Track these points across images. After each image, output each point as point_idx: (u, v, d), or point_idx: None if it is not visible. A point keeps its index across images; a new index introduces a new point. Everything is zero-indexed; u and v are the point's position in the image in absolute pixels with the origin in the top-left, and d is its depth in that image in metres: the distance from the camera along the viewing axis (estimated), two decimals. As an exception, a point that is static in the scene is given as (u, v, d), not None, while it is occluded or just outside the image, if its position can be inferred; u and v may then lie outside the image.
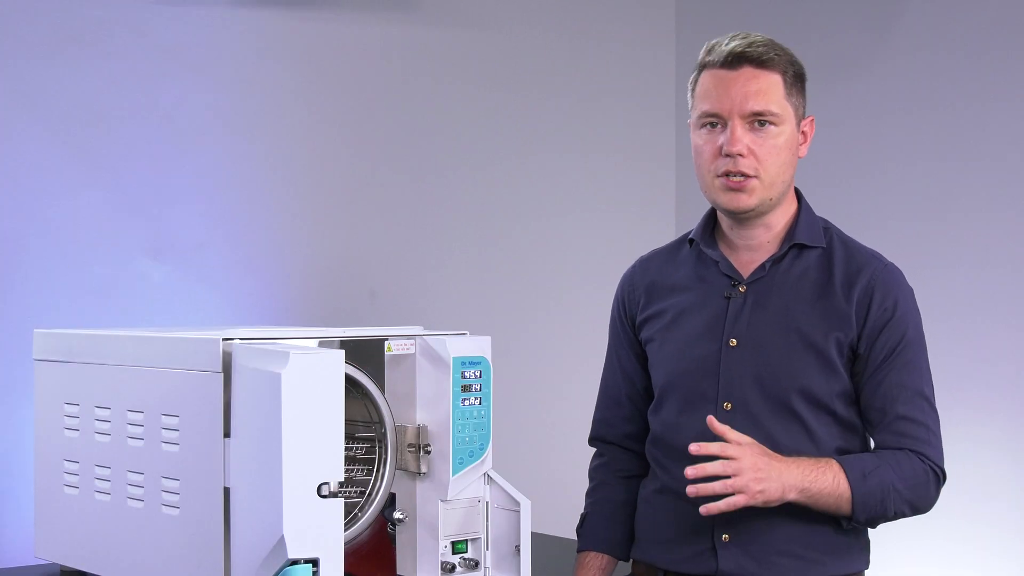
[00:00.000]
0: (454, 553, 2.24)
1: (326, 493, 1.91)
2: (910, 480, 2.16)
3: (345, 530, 2.11)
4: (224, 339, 2.02)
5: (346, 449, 2.19)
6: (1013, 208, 3.35)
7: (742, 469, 2.05)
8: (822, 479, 2.12)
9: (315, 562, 1.91)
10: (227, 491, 2.00)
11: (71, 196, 3.01)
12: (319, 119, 3.41)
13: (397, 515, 2.25)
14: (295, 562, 1.90)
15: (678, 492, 2.16)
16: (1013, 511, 3.31)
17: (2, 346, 2.89)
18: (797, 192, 2.29)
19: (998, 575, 3.33)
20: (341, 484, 1.93)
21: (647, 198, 4.04)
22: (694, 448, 2.06)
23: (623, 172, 3.99)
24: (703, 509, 2.08)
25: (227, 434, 2.00)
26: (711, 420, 2.09)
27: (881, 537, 2.25)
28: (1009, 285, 3.35)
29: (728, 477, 2.05)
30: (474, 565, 2.25)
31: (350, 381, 2.18)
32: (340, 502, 1.93)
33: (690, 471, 2.06)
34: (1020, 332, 3.33)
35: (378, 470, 2.24)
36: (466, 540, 2.25)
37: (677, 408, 2.26)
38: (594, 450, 2.47)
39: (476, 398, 2.23)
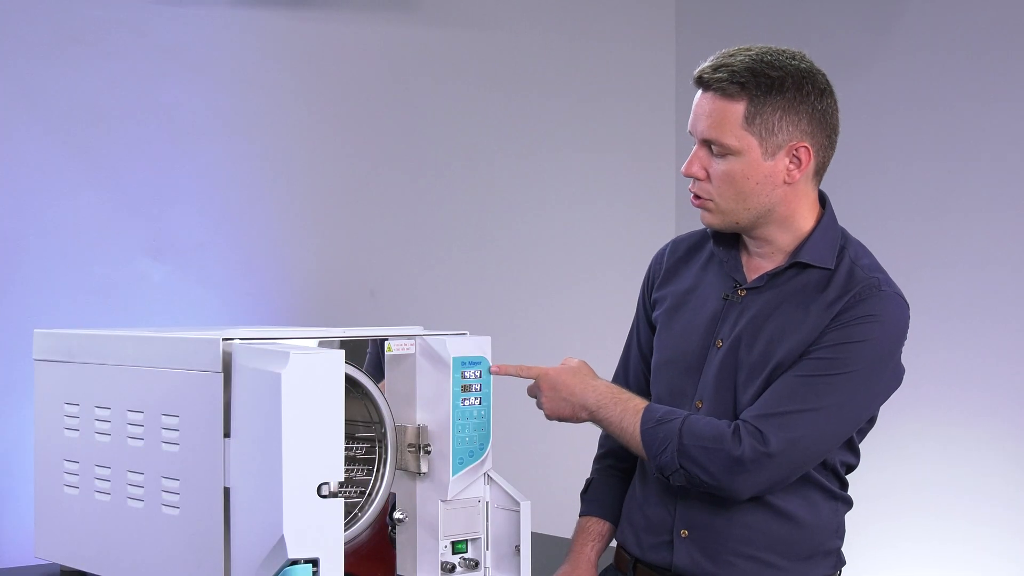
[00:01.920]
0: (454, 553, 2.24)
1: (326, 493, 1.91)
2: (700, 437, 2.09)
3: (345, 530, 2.11)
4: (224, 339, 2.03)
5: (346, 449, 2.19)
6: (1013, 208, 3.35)
7: (540, 391, 2.22)
8: (611, 410, 2.18)
9: (315, 562, 1.91)
10: (227, 491, 2.00)
11: (71, 196, 3.00)
12: (319, 119, 3.41)
13: (397, 515, 2.25)
14: (295, 562, 1.90)
15: (656, 479, 2.19)
16: (1013, 511, 3.31)
17: (2, 346, 2.89)
18: (825, 208, 2.20)
19: (998, 575, 3.33)
20: (341, 484, 1.93)
21: (647, 198, 4.03)
22: (493, 368, 2.25)
23: (623, 172, 3.99)
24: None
25: (227, 434, 2.00)
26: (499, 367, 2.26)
27: (881, 537, 2.24)
28: (1009, 285, 3.34)
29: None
30: (474, 565, 2.25)
31: (350, 381, 2.18)
32: (340, 502, 1.93)
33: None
34: (1020, 332, 3.32)
35: (378, 470, 2.24)
36: (466, 540, 2.25)
37: (658, 399, 2.26)
38: None
39: (476, 398, 2.23)
